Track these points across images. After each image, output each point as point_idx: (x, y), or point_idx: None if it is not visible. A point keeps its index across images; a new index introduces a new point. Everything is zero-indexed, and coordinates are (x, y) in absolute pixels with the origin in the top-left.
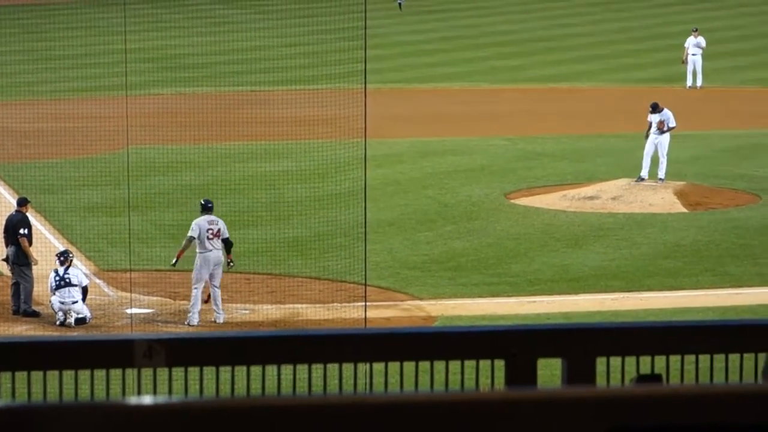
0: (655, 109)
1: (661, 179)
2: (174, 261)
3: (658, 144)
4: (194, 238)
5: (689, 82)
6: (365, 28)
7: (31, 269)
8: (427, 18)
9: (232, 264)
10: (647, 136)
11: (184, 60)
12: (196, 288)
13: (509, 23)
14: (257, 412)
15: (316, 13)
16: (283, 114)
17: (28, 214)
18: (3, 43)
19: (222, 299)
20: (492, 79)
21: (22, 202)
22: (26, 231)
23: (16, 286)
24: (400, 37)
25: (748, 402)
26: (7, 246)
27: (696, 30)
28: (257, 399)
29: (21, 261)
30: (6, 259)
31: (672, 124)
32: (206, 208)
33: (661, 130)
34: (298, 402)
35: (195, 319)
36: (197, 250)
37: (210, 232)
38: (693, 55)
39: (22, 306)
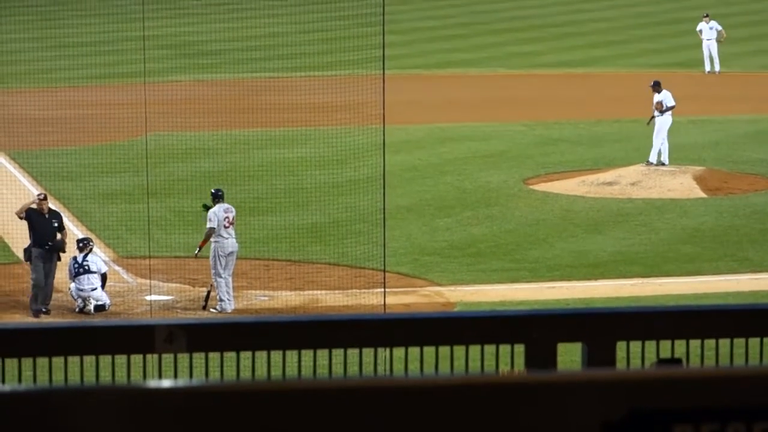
0: (657, 86)
1: (663, 162)
2: (197, 251)
3: (659, 127)
4: (214, 228)
5: (707, 68)
6: (383, 14)
7: (35, 266)
8: (444, 4)
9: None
10: (651, 121)
11: (203, 46)
12: (215, 276)
13: (526, 8)
14: (277, 394)
15: None
16: (301, 100)
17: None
18: (21, 30)
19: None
20: (509, 65)
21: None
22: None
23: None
24: (418, 23)
25: (766, 384)
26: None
27: (707, 15)
28: (278, 382)
29: (24, 256)
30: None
31: (670, 103)
32: (218, 197)
33: (660, 111)
34: (319, 385)
35: (227, 306)
36: (213, 239)
37: (227, 220)
38: (708, 39)
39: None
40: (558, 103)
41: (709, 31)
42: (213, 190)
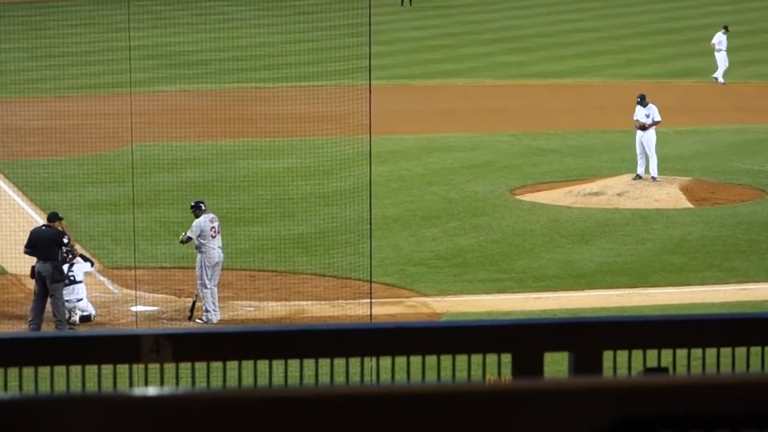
0: (643, 100)
1: (653, 177)
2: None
3: (644, 142)
4: (191, 239)
5: (722, 79)
6: (369, 24)
7: (63, 286)
8: (431, 14)
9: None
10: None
11: (188, 57)
12: (201, 287)
13: (513, 19)
14: (264, 403)
15: (320, 9)
16: (287, 111)
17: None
18: (7, 41)
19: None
20: (496, 75)
21: (53, 218)
22: (67, 241)
23: (39, 302)
24: (405, 33)
25: (754, 391)
26: (38, 262)
27: (726, 27)
28: (264, 390)
29: (59, 277)
30: (33, 275)
31: (657, 118)
32: (201, 209)
33: (643, 128)
34: (305, 393)
35: (213, 316)
36: (199, 250)
37: (213, 230)
38: (725, 50)
39: (59, 325)
40: (545, 113)
41: (725, 42)
42: (192, 203)
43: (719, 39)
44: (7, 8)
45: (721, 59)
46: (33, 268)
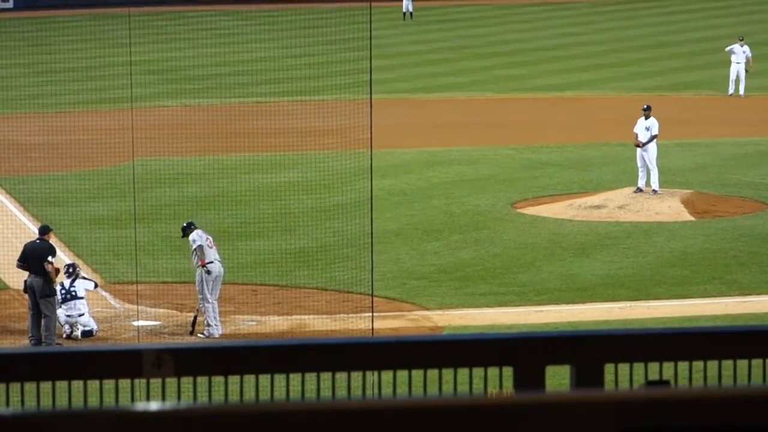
0: (647, 111)
1: (654, 190)
2: (201, 268)
3: (645, 155)
4: (202, 246)
5: (731, 90)
6: (371, 38)
7: (55, 300)
8: (432, 28)
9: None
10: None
11: (190, 72)
12: (203, 301)
13: (514, 32)
14: (266, 417)
15: (321, 24)
16: (288, 125)
17: (52, 243)
18: (8, 56)
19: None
20: (497, 89)
21: (45, 230)
22: (52, 259)
23: (35, 316)
24: (405, 47)
25: (756, 404)
26: (30, 275)
27: (742, 39)
28: (266, 405)
29: (48, 292)
30: (26, 289)
31: (655, 132)
32: (192, 228)
33: (636, 145)
34: (307, 407)
35: (215, 331)
36: (199, 265)
37: (209, 241)
38: (737, 63)
39: (48, 339)
40: (546, 126)
41: (741, 54)
42: (185, 224)
43: (733, 49)
44: (8, 24)
45: (733, 70)
46: (25, 282)
